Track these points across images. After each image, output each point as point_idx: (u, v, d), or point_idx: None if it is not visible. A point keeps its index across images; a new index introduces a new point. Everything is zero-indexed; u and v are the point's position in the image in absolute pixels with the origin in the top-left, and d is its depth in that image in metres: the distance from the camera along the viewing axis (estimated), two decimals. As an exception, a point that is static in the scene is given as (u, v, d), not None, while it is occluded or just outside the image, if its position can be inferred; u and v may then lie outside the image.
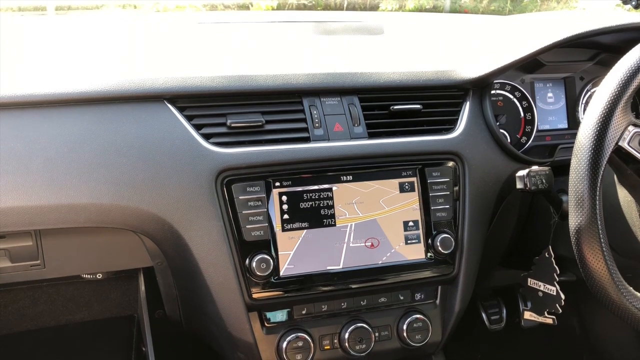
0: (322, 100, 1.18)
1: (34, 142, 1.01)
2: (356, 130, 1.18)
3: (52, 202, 1.01)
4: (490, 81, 1.29)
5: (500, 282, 1.68)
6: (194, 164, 1.07)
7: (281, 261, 1.11)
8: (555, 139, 1.41)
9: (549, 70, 1.38)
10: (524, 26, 1.51)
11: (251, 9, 2.11)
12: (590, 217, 0.92)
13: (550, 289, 1.23)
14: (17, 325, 1.55)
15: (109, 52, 1.29)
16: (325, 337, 1.19)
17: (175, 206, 1.06)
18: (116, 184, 1.04)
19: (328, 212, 1.13)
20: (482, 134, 1.26)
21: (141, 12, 1.99)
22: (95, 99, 1.06)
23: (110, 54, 1.27)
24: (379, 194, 1.16)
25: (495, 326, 1.72)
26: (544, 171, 1.13)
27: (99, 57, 1.25)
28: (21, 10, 1.93)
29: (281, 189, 1.11)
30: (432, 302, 1.26)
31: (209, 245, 1.08)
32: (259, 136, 1.13)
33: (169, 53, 1.31)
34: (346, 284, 1.15)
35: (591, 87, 1.44)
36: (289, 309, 1.17)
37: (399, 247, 1.17)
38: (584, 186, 0.93)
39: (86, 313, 1.60)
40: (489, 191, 1.26)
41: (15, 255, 1.17)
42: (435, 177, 1.20)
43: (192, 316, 1.30)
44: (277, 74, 1.17)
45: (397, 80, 1.23)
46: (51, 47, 1.31)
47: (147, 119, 1.08)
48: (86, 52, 1.28)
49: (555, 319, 1.25)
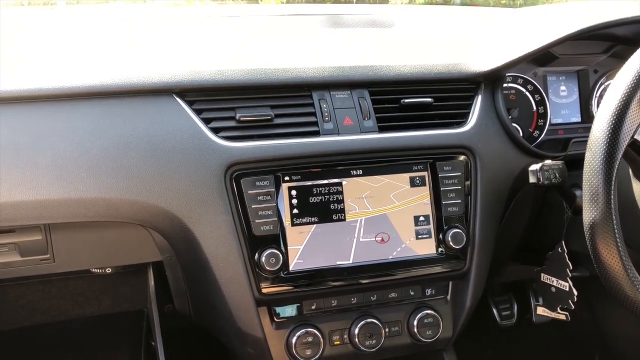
0: (331, 94, 1.17)
1: (43, 136, 1.01)
2: (366, 124, 1.17)
3: (61, 196, 1.01)
4: (503, 74, 1.27)
5: (511, 277, 1.67)
6: (203, 158, 1.06)
7: (290, 256, 1.10)
8: (568, 132, 1.39)
9: (562, 63, 1.36)
10: (536, 18, 1.49)
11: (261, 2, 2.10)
12: (605, 212, 0.91)
13: (563, 285, 1.22)
14: (27, 319, 1.56)
15: (118, 45, 1.28)
16: (335, 332, 1.18)
17: (184, 200, 1.06)
18: (125, 178, 1.03)
19: (338, 206, 1.12)
20: (494, 127, 1.25)
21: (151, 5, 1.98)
22: (103, 93, 1.06)
23: (119, 48, 1.27)
24: (389, 188, 1.15)
25: (506, 322, 1.71)
26: (557, 165, 1.12)
27: (108, 51, 1.24)
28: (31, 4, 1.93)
29: (290, 183, 1.10)
30: (443, 298, 1.25)
31: (218, 240, 1.07)
32: (268, 130, 1.12)
33: (178, 46, 1.30)
34: (356, 279, 1.14)
35: (605, 80, 1.42)
36: (298, 304, 1.16)
37: (410, 242, 1.16)
38: (599, 180, 0.91)
39: (95, 307, 1.61)
40: (501, 185, 1.24)
41: (24, 250, 1.17)
42: (447, 172, 1.18)
43: (201, 311, 1.30)
44: (286, 67, 1.16)
45: (408, 73, 1.22)
46: (61, 40, 1.30)
47: (156, 112, 1.07)
48: (95, 46, 1.27)
49: (568, 315, 1.24)
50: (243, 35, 1.42)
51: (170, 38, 1.35)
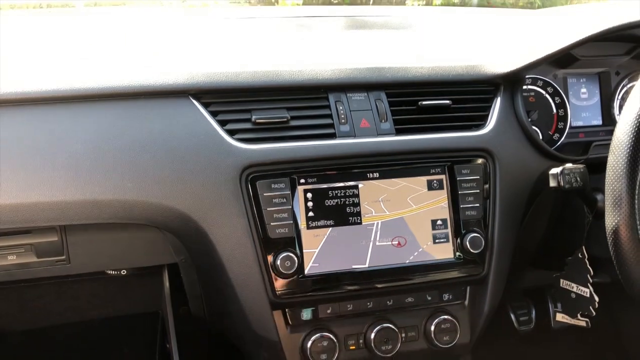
0: (348, 96, 1.16)
1: (59, 137, 1.01)
2: (383, 126, 1.15)
3: (77, 198, 1.01)
4: (522, 76, 1.25)
5: (530, 282, 1.65)
6: (219, 160, 1.06)
7: (306, 259, 1.09)
8: (589, 135, 1.37)
9: (583, 65, 1.34)
10: (556, 20, 1.47)
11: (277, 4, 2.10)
12: (629, 218, 0.89)
13: (583, 291, 1.19)
14: (42, 320, 1.57)
15: (134, 47, 1.29)
16: (351, 337, 1.17)
17: (199, 203, 1.05)
18: (140, 180, 1.03)
19: (354, 209, 1.11)
20: (513, 130, 1.23)
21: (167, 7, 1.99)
22: (120, 95, 1.06)
23: (136, 49, 1.27)
24: (406, 191, 1.14)
25: (524, 327, 1.69)
26: (579, 169, 1.09)
27: (125, 53, 1.24)
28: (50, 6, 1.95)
29: (306, 185, 1.09)
30: (461, 303, 1.23)
31: (233, 243, 1.07)
32: (284, 132, 1.11)
33: (194, 48, 1.30)
34: (372, 284, 1.13)
35: (628, 82, 1.39)
36: (313, 308, 1.15)
37: (427, 246, 1.14)
38: (622, 185, 0.89)
39: (111, 309, 1.61)
40: (520, 189, 1.22)
41: (40, 251, 1.18)
42: (465, 175, 1.16)
43: (216, 313, 1.29)
44: (302, 69, 1.15)
45: (426, 75, 1.20)
46: (78, 42, 1.31)
47: (172, 114, 1.07)
48: (112, 48, 1.28)
49: (588, 322, 1.21)
50: (259, 37, 1.41)
51: (186, 40, 1.35)
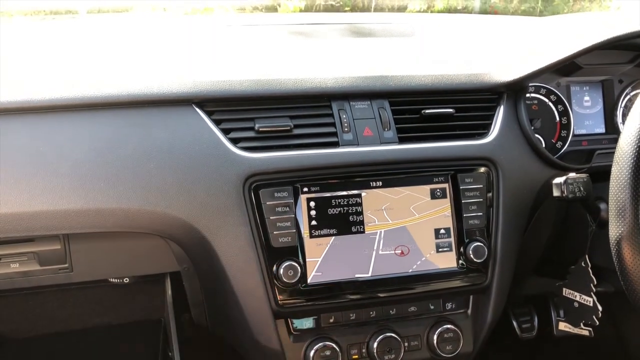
0: (351, 104, 1.16)
1: (63, 146, 1.01)
2: (386, 135, 1.15)
3: (80, 207, 1.01)
4: (525, 84, 1.25)
5: (532, 290, 1.64)
6: (222, 169, 1.06)
7: (309, 268, 1.09)
8: (592, 144, 1.37)
9: (586, 73, 1.34)
10: (559, 28, 1.47)
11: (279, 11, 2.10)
12: (633, 228, 0.88)
13: (586, 300, 1.19)
14: (45, 328, 1.56)
15: (137, 55, 1.29)
16: (353, 346, 1.16)
17: (202, 211, 1.05)
18: (144, 189, 1.03)
19: (357, 218, 1.11)
20: (517, 138, 1.23)
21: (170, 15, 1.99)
22: (123, 103, 1.06)
23: (139, 57, 1.27)
24: (409, 200, 1.13)
25: (526, 334, 1.68)
26: (582, 178, 1.09)
27: (128, 60, 1.24)
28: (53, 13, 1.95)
29: (309, 194, 1.09)
30: (464, 312, 1.23)
31: (236, 251, 1.07)
32: (287, 141, 1.11)
33: (197, 56, 1.30)
34: (375, 293, 1.13)
35: (631, 90, 1.39)
36: (316, 317, 1.15)
37: (430, 255, 1.14)
38: (626, 195, 0.89)
39: (113, 317, 1.61)
40: (524, 198, 1.22)
41: (43, 259, 1.18)
42: (468, 184, 1.16)
43: (218, 321, 1.29)
44: (305, 77, 1.15)
45: (429, 84, 1.20)
46: (81, 50, 1.31)
47: (175, 123, 1.07)
48: (115, 55, 1.28)
49: (591, 331, 1.21)
50: (262, 44, 1.41)
51: (189, 48, 1.35)
